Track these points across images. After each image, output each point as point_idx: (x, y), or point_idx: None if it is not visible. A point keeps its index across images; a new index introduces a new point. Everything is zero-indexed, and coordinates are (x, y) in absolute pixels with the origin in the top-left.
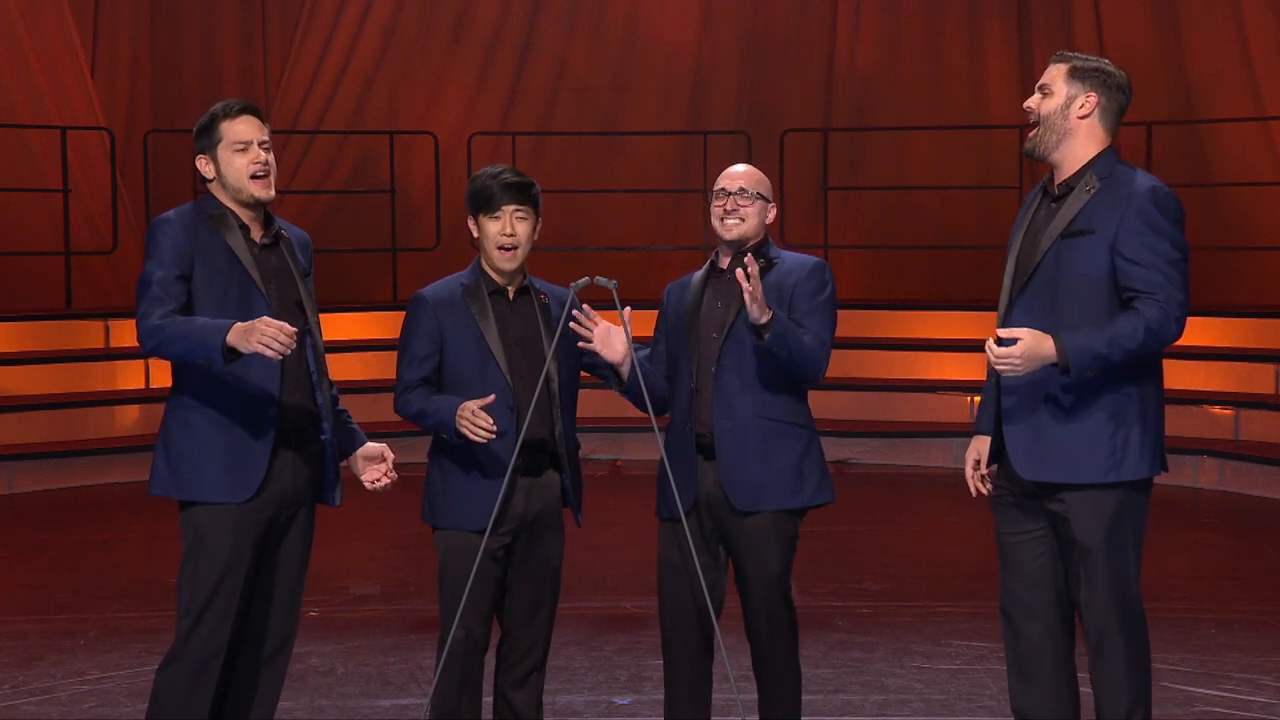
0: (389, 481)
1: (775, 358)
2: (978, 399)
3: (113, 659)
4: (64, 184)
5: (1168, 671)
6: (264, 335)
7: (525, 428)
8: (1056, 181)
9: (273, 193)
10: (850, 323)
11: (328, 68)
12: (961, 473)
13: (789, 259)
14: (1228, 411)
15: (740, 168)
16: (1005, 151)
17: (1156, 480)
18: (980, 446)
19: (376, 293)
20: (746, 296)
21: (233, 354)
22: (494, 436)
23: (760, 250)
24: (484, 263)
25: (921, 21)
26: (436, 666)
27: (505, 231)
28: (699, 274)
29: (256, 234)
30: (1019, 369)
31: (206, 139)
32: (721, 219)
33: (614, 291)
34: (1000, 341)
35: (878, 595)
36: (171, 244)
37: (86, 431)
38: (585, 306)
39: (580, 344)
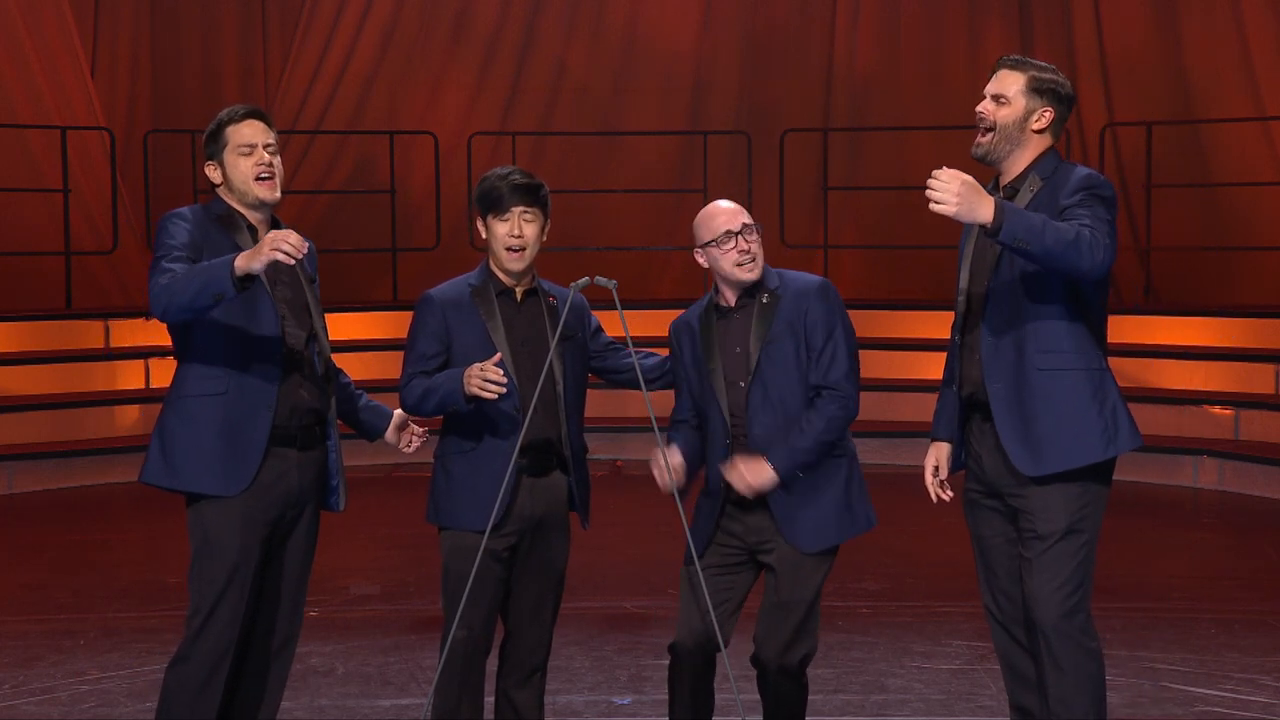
0: (419, 441)
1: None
2: None
3: (113, 659)
4: (64, 184)
5: (1168, 671)
6: (275, 242)
7: (530, 429)
8: (1002, 184)
9: (278, 195)
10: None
11: (328, 68)
12: (961, 473)
13: (790, 284)
14: (1228, 411)
15: (727, 205)
16: None
17: (1156, 480)
18: (939, 453)
19: (376, 293)
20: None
21: (245, 282)
22: (505, 390)
23: (763, 283)
24: (492, 264)
25: (921, 21)
26: (439, 666)
27: (513, 233)
28: (701, 312)
29: (263, 236)
30: (948, 204)
31: (214, 145)
32: (739, 264)
33: (614, 291)
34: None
35: (878, 595)
36: (184, 233)
37: (86, 431)
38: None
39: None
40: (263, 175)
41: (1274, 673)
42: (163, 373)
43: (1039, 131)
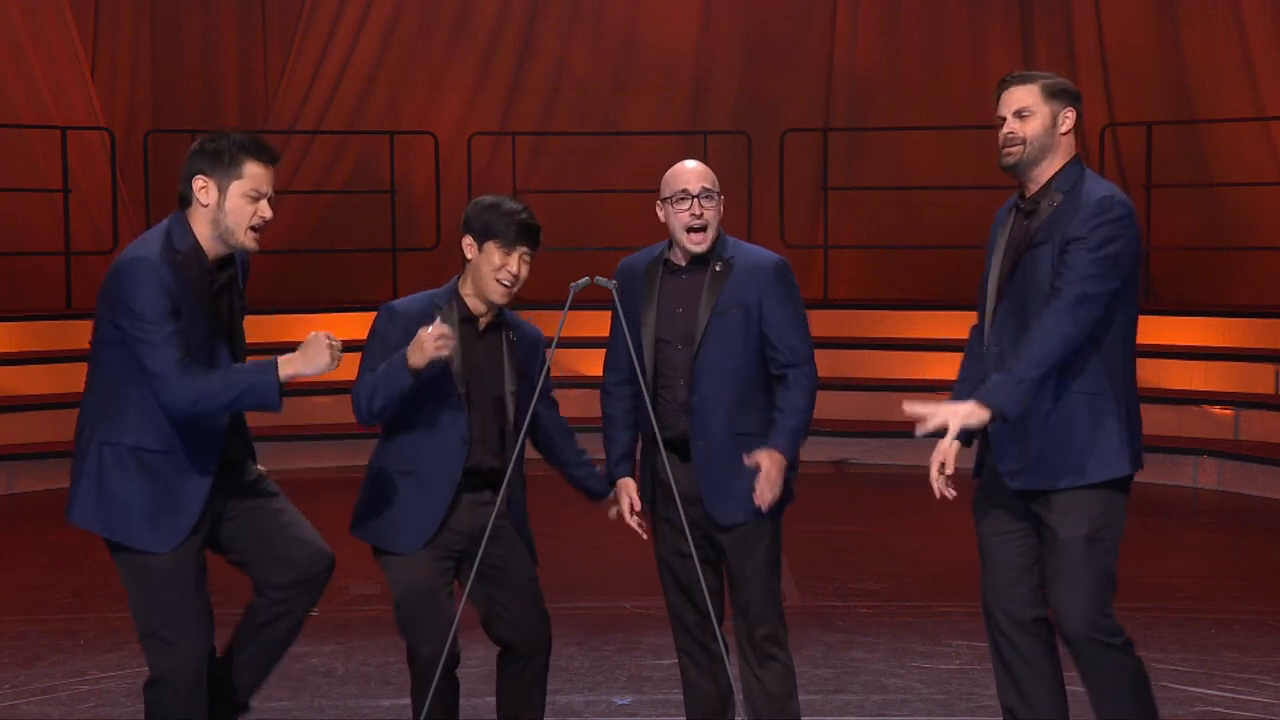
0: None
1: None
2: None
3: (113, 659)
4: (64, 184)
5: (1168, 671)
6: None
7: (473, 456)
8: (1027, 195)
9: (258, 246)
10: (850, 323)
11: (328, 68)
12: (962, 473)
13: (743, 256)
14: (1228, 411)
15: (693, 165)
16: None
17: (1155, 480)
18: (946, 450)
19: (376, 293)
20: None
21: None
22: (453, 340)
23: (716, 250)
24: (465, 287)
25: (921, 21)
26: (412, 682)
27: (511, 270)
28: (649, 264)
29: (220, 278)
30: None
31: (222, 166)
32: (688, 230)
33: (614, 292)
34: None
35: (878, 595)
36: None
37: None
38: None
39: None
40: (256, 226)
41: (1274, 673)
42: None
43: (1067, 134)
